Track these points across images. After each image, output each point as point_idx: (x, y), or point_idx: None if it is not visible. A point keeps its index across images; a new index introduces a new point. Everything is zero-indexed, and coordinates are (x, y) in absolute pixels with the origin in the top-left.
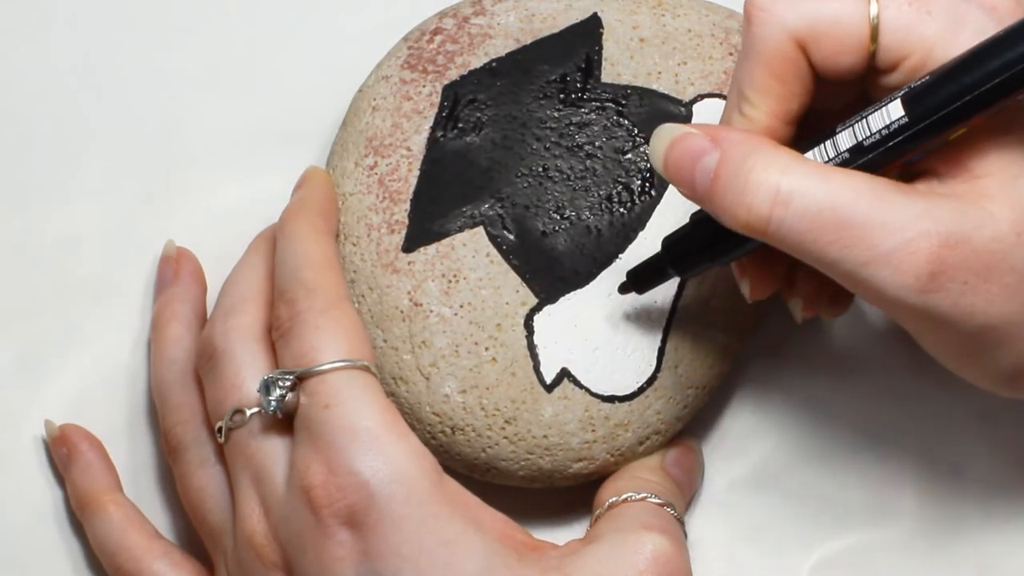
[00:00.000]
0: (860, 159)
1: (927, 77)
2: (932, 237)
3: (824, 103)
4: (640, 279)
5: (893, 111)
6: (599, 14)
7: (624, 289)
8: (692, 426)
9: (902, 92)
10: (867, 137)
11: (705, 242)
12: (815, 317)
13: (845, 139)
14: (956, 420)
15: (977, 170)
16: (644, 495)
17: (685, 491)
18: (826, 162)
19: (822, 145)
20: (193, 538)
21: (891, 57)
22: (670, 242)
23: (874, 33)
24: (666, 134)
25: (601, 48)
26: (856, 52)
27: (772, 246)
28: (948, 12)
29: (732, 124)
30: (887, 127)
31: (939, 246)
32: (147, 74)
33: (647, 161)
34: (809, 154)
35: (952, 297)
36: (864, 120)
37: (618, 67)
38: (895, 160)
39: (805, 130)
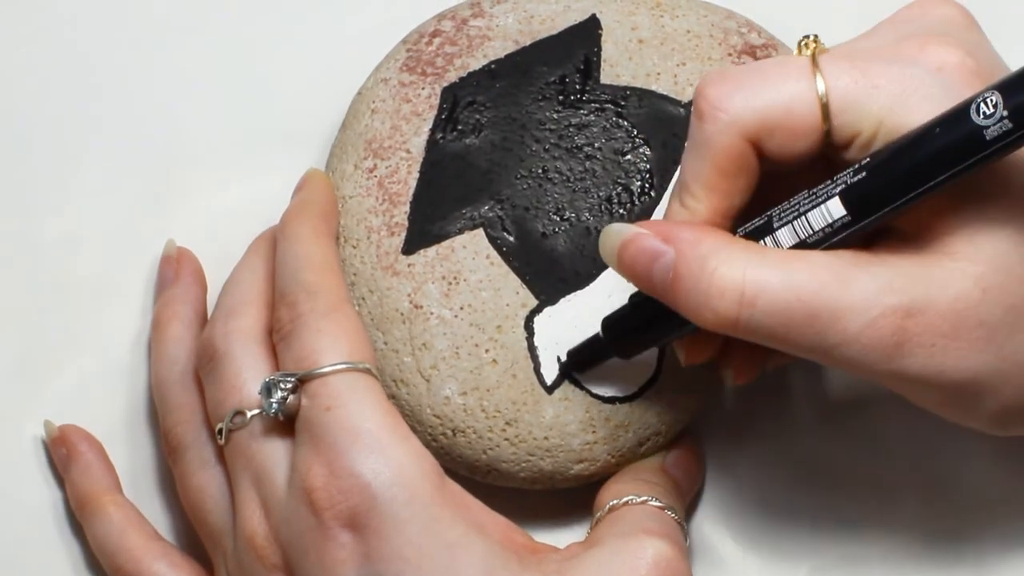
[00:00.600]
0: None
1: (863, 170)
2: (896, 311)
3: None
4: (581, 360)
5: (834, 209)
6: (598, 15)
7: (565, 369)
8: (693, 427)
9: (839, 188)
10: (810, 235)
11: (645, 323)
12: None
13: (786, 236)
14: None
15: (938, 228)
16: (645, 498)
17: (686, 493)
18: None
19: (761, 243)
20: (193, 539)
21: (844, 135)
22: (610, 323)
23: (825, 112)
24: (615, 235)
25: (600, 49)
26: (810, 136)
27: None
28: (894, 83)
29: (674, 216)
30: (829, 225)
31: (903, 318)
32: (147, 74)
33: (646, 162)
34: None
35: (920, 361)
36: (803, 218)
37: (617, 68)
38: (840, 245)
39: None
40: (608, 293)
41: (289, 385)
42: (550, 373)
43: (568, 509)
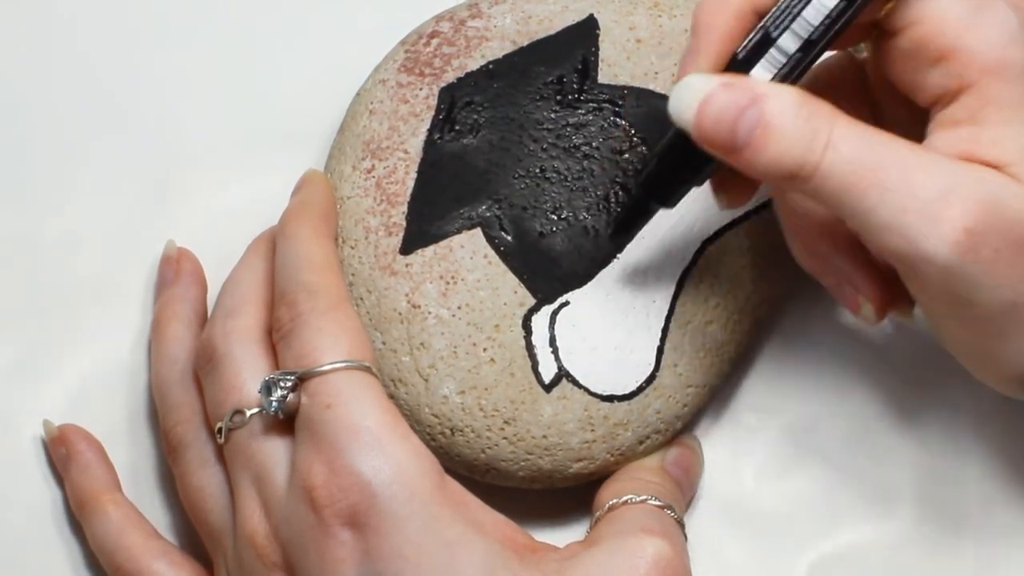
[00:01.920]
0: (812, 52)
1: None
2: (971, 194)
3: None
4: (627, 224)
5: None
6: (595, 15)
7: (615, 236)
8: (692, 425)
9: None
10: (813, 32)
11: (678, 170)
12: (817, 316)
13: (789, 42)
14: (956, 420)
15: (1000, 160)
16: (644, 497)
17: (685, 491)
18: (782, 67)
19: (768, 55)
20: (193, 538)
21: (902, 21)
22: (645, 181)
23: None
24: (696, 88)
25: (598, 49)
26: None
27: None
28: None
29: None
30: (828, 16)
31: (976, 203)
32: (147, 74)
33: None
34: (759, 65)
35: (982, 263)
36: (800, 18)
37: (615, 68)
38: (841, 35)
39: None
40: (607, 292)
41: (289, 383)
42: (548, 372)
43: (567, 508)
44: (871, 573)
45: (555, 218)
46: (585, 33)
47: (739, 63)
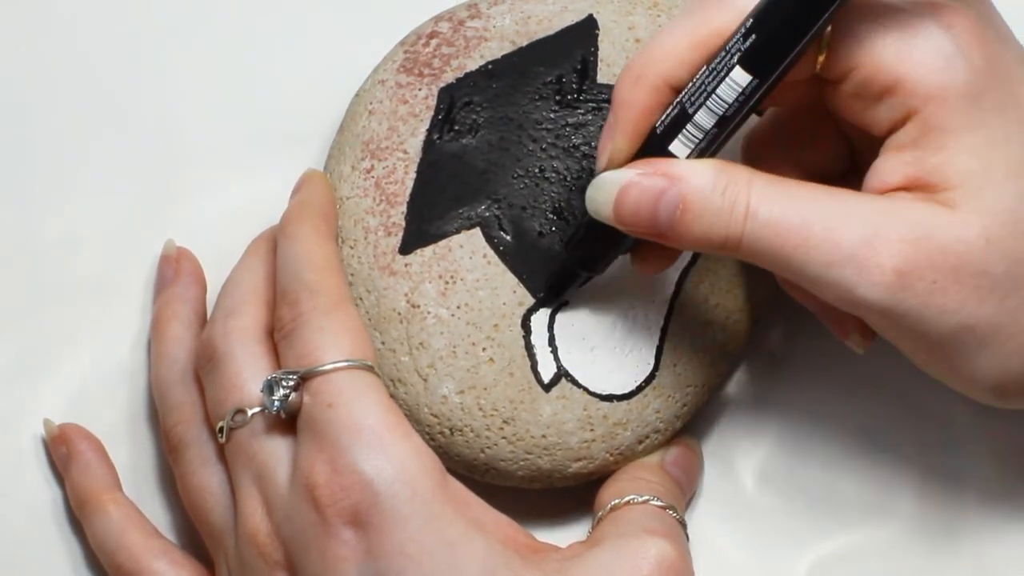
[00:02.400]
0: (728, 127)
1: (751, 32)
2: (894, 233)
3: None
4: (557, 289)
5: (739, 78)
6: (595, 15)
7: (545, 301)
8: (691, 425)
9: (736, 57)
10: (727, 109)
11: (601, 242)
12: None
13: (704, 118)
14: (955, 420)
15: (941, 184)
16: (646, 498)
17: (685, 491)
18: (699, 142)
19: (685, 131)
20: (193, 538)
21: (839, 69)
22: (571, 243)
23: (823, 42)
24: (611, 183)
25: (597, 49)
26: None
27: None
28: (902, 25)
29: (617, 156)
30: (741, 94)
31: (901, 241)
32: (147, 74)
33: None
34: (677, 140)
35: (921, 296)
36: (714, 96)
37: (614, 68)
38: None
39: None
40: (606, 291)
41: (291, 383)
42: (547, 371)
43: (567, 508)
44: (871, 573)
45: (554, 218)
46: (584, 33)
47: (658, 137)
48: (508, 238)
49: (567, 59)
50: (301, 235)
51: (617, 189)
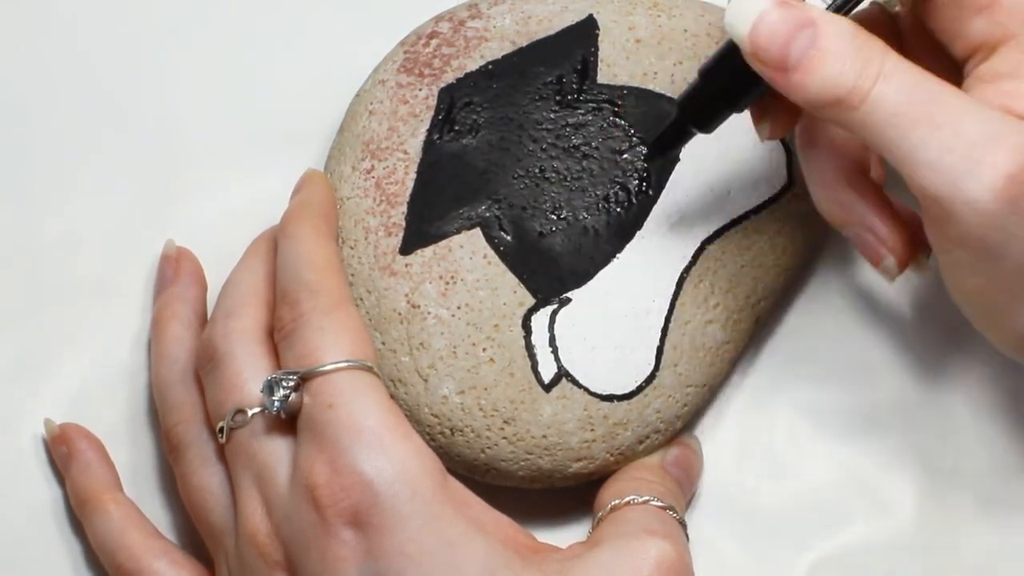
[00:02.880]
0: None
1: None
2: (1015, 143)
3: None
4: (664, 143)
5: None
6: (595, 16)
7: (650, 157)
8: (692, 425)
9: None
10: None
11: (720, 92)
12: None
13: None
14: (955, 420)
15: None
16: (647, 498)
17: (685, 491)
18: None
19: None
20: (194, 537)
21: None
22: (685, 101)
23: None
24: (754, 3)
25: (597, 49)
26: None
27: (833, 121)
28: None
29: None
30: None
31: (1020, 152)
32: (147, 74)
33: (644, 161)
34: None
35: (1020, 215)
36: None
37: (614, 68)
38: None
39: None
40: (607, 291)
41: (291, 383)
42: (548, 371)
43: (567, 508)
44: (871, 573)
45: (555, 218)
46: (584, 33)
47: None
48: (508, 238)
49: (567, 59)
50: (301, 235)
51: (759, 11)
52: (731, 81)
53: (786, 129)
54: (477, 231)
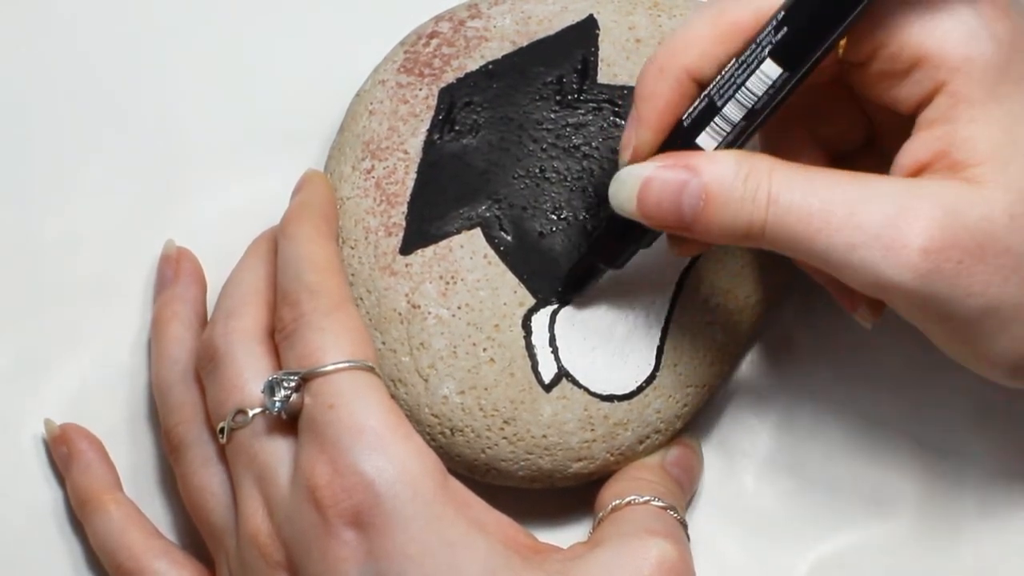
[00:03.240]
0: (756, 120)
1: (783, 25)
2: (920, 212)
3: None
4: (577, 283)
5: (770, 71)
6: (595, 16)
7: (563, 296)
8: (691, 424)
9: (767, 49)
10: (756, 101)
11: (626, 232)
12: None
13: (733, 111)
14: (955, 420)
15: (969, 160)
16: (647, 498)
17: (686, 491)
18: (727, 135)
19: (713, 123)
20: (194, 538)
21: (864, 50)
22: (593, 243)
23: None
24: (633, 177)
25: (597, 49)
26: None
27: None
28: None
29: (642, 148)
30: (771, 87)
31: (928, 219)
32: (147, 74)
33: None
34: (705, 133)
35: (948, 278)
36: (743, 88)
37: (614, 68)
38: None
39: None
40: (607, 291)
41: (292, 383)
42: (548, 372)
43: (567, 508)
44: (871, 573)
45: (555, 218)
46: (585, 33)
47: (685, 130)
48: (509, 238)
49: (567, 59)
50: (302, 235)
51: (640, 183)
52: (633, 227)
53: (700, 248)
54: (477, 231)
